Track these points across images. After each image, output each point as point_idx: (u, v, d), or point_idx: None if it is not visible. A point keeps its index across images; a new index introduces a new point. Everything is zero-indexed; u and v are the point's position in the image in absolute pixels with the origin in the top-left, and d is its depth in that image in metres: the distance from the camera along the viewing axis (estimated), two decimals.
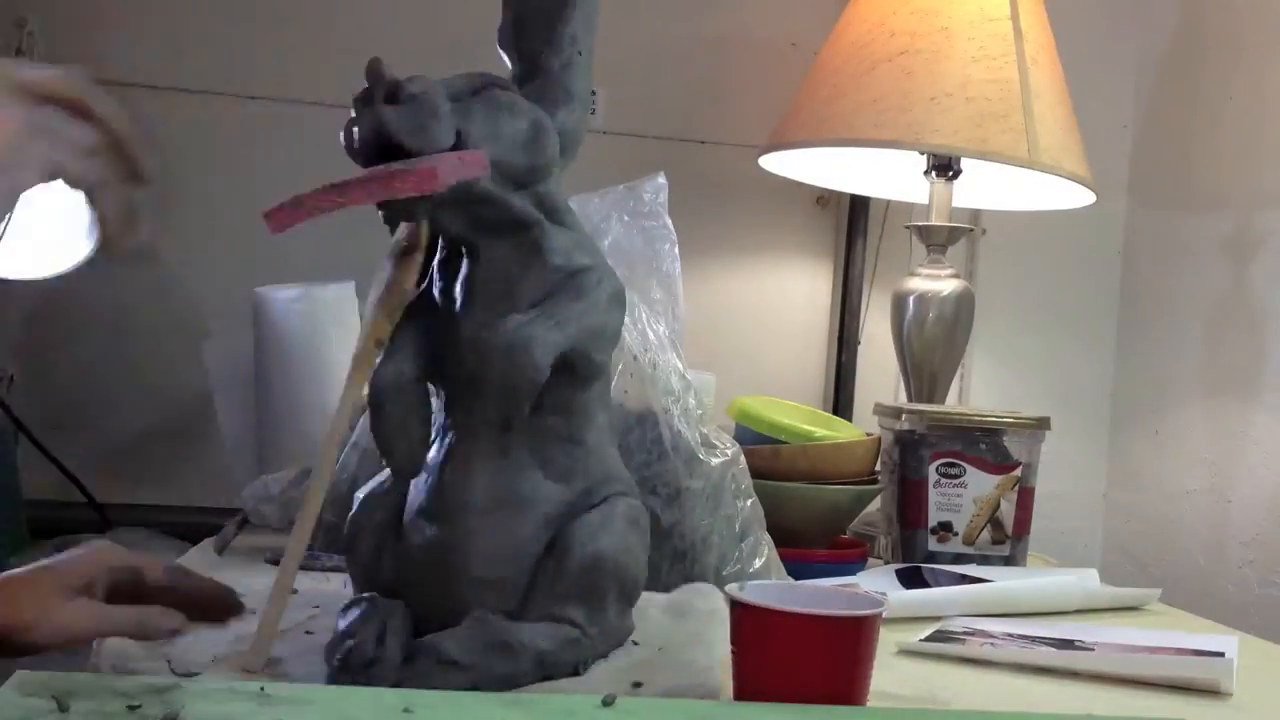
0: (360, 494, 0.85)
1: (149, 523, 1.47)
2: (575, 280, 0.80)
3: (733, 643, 0.73)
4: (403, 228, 0.80)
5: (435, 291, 0.82)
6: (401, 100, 0.73)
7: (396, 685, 0.72)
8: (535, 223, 0.79)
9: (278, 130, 1.60)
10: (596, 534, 0.79)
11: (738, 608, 0.72)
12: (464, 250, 0.80)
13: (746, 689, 0.72)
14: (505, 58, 0.84)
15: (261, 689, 0.65)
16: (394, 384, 0.79)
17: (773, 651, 0.71)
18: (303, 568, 1.11)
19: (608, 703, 0.62)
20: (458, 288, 0.80)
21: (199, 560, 1.12)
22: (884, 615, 0.73)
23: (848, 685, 0.71)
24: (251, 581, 1.03)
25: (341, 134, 0.75)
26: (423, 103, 0.74)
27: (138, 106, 1.54)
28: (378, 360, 0.79)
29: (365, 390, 0.79)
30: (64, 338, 1.56)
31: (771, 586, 0.75)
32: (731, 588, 0.74)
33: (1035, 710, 0.83)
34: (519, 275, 0.79)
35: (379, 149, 0.73)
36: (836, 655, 0.71)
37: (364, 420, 1.15)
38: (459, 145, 0.74)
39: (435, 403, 0.82)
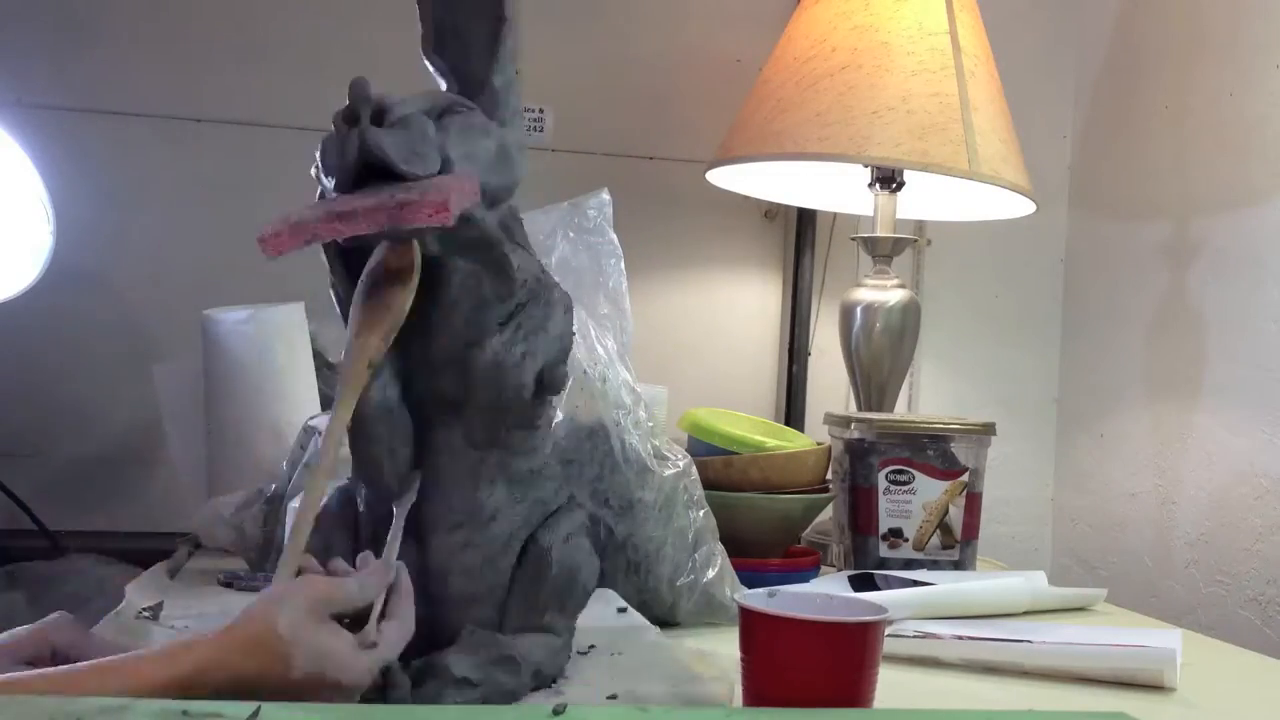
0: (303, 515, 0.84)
1: (101, 549, 1.46)
2: (539, 296, 0.81)
3: (741, 649, 0.74)
4: (385, 249, 0.76)
5: None
6: (388, 122, 0.72)
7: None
8: (500, 241, 0.79)
9: (228, 153, 1.59)
10: (567, 545, 0.81)
11: (746, 615, 0.74)
12: (433, 269, 0.78)
13: (755, 694, 0.73)
14: (431, 67, 0.84)
15: (184, 713, 0.64)
16: (383, 407, 0.77)
17: (781, 657, 0.72)
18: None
19: (558, 711, 0.63)
20: (431, 308, 0.79)
21: (152, 584, 1.11)
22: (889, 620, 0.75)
23: (854, 689, 0.72)
24: (204, 605, 1.03)
25: (319, 153, 0.73)
26: (413, 125, 0.73)
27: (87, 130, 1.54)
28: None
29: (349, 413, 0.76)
30: (12, 363, 1.55)
31: (780, 594, 0.77)
32: (741, 595, 0.75)
33: (979, 708, 0.84)
34: (489, 294, 0.79)
35: (364, 170, 0.72)
36: (843, 660, 0.72)
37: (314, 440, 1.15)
38: (443, 169, 0.73)
39: None
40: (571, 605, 0.83)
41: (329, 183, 0.74)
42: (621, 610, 1.01)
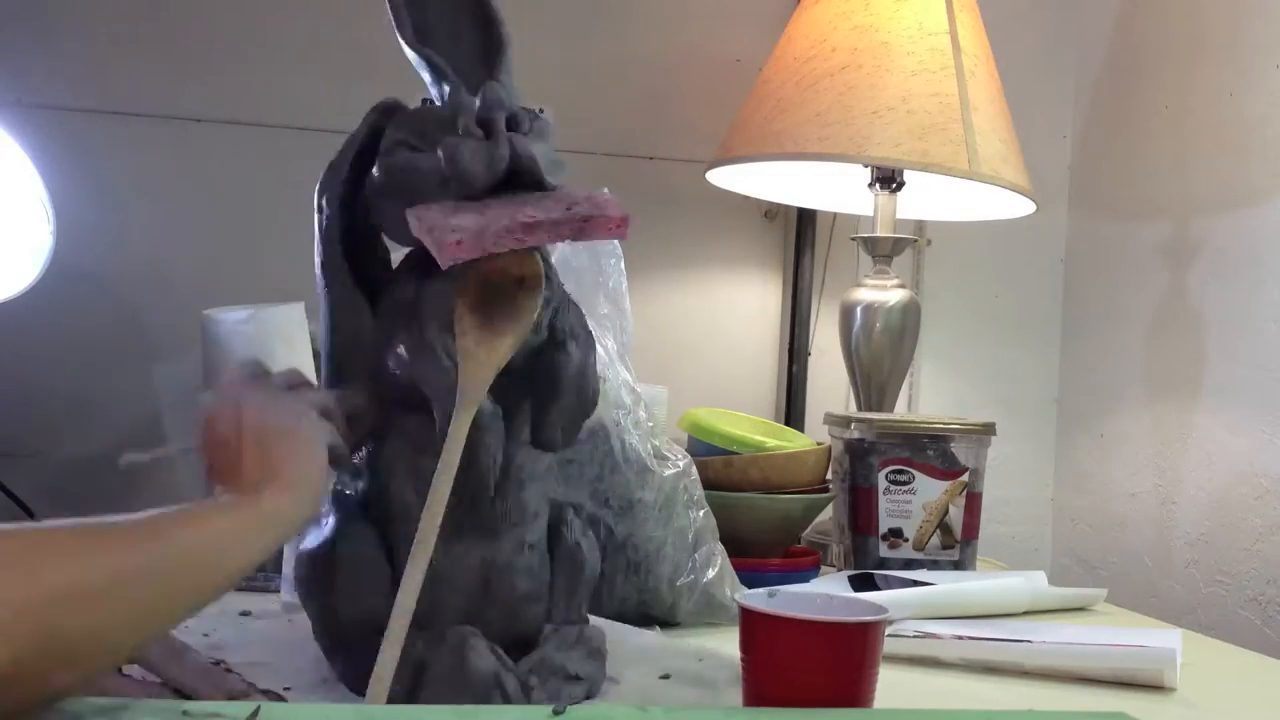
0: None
1: None
2: (566, 301, 0.82)
3: (741, 649, 0.75)
4: (503, 257, 0.75)
5: None
6: (525, 129, 0.75)
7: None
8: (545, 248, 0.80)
9: (228, 153, 1.59)
10: (588, 540, 0.84)
11: (746, 615, 0.74)
12: None
13: (755, 694, 0.73)
14: (423, 61, 0.84)
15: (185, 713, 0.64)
16: (493, 415, 0.77)
17: (781, 657, 0.73)
18: (244, 588, 1.11)
19: (559, 712, 0.63)
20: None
21: None
22: (889, 620, 0.75)
23: (854, 689, 0.72)
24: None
25: (446, 159, 0.74)
26: (545, 134, 0.76)
27: (82, 129, 1.54)
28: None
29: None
30: (11, 363, 1.55)
31: (780, 594, 0.77)
32: (741, 595, 0.76)
33: (979, 708, 0.84)
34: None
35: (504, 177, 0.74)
36: (843, 660, 0.72)
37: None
38: None
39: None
40: (591, 601, 0.86)
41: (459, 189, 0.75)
42: None
